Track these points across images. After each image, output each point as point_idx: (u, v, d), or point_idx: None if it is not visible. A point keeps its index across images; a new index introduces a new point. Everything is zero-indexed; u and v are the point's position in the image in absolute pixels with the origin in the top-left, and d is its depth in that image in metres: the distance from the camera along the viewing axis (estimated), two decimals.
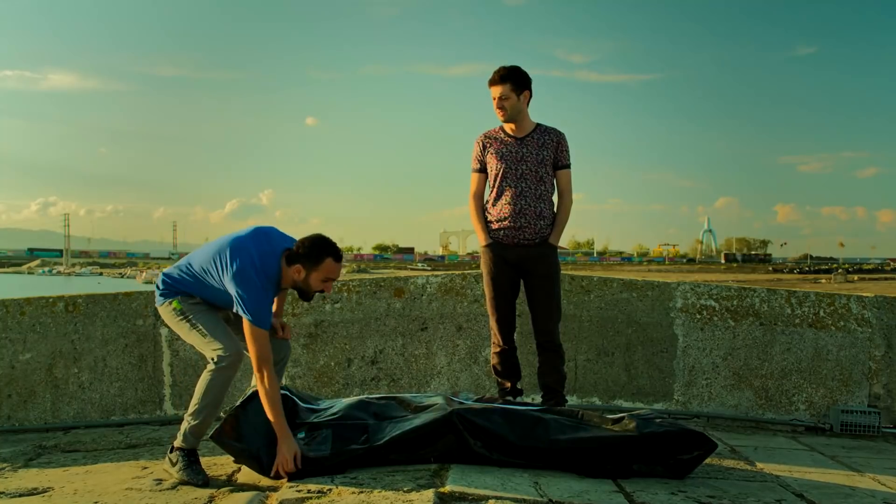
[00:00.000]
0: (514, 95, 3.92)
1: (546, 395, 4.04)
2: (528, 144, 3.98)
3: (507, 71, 3.94)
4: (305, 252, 3.13)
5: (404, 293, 4.80)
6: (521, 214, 3.92)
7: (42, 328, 4.66)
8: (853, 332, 4.75)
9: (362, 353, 4.74)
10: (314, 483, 2.95)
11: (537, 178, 3.96)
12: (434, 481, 2.89)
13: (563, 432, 3.19)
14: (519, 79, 3.94)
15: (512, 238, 3.95)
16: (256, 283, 3.06)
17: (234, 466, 3.43)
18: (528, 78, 3.98)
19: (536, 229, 3.95)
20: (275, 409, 3.10)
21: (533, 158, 3.96)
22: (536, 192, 3.96)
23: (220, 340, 3.16)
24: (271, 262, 3.14)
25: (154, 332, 4.67)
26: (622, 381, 4.79)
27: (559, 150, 4.02)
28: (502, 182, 3.97)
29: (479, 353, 4.75)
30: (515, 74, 3.94)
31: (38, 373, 4.63)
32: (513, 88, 3.91)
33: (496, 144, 4.02)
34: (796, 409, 4.70)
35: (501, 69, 3.96)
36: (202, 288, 3.23)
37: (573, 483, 2.98)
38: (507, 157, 3.97)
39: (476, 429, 3.14)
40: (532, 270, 3.98)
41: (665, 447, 3.16)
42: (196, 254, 3.30)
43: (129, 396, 4.67)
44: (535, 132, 4.02)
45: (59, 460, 3.81)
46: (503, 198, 3.96)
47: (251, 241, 3.16)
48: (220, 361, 3.15)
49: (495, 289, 4.02)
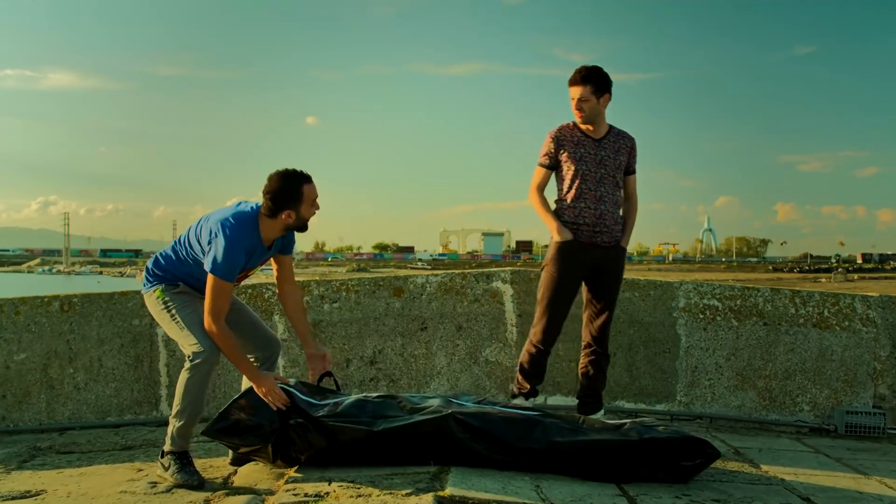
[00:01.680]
0: (594, 98, 3.81)
1: (587, 398, 3.99)
2: (606, 147, 3.89)
3: (589, 72, 3.81)
4: (283, 196, 3.09)
5: (404, 292, 4.75)
6: (602, 219, 3.85)
7: (37, 328, 4.60)
8: (858, 332, 4.69)
9: (361, 354, 4.69)
10: (311, 486, 2.90)
11: (614, 182, 3.90)
12: (434, 484, 2.84)
13: (563, 435, 3.13)
14: (600, 81, 3.81)
15: (590, 239, 3.87)
16: (228, 235, 3.05)
17: (230, 469, 3.38)
18: (608, 80, 3.86)
19: (613, 234, 3.90)
20: (235, 356, 3.12)
21: (611, 162, 3.88)
22: (614, 198, 3.91)
23: (196, 335, 3.13)
24: (245, 219, 3.12)
25: (150, 332, 4.62)
26: (624, 381, 4.73)
27: (632, 155, 3.98)
28: (582, 184, 3.86)
29: (479, 354, 4.70)
30: (597, 76, 3.81)
31: (33, 373, 4.57)
32: (593, 91, 3.79)
33: (573, 144, 3.89)
34: (800, 410, 4.65)
35: (583, 69, 3.83)
36: (185, 269, 3.23)
37: (575, 487, 2.93)
38: (587, 159, 3.86)
39: (474, 430, 3.09)
40: (605, 272, 3.92)
41: (666, 454, 3.11)
42: (183, 234, 3.33)
43: (125, 397, 4.61)
44: (611, 135, 3.93)
45: (53, 462, 3.76)
46: (583, 200, 3.86)
47: (228, 209, 3.21)
48: (194, 358, 3.12)
49: (559, 288, 3.90)
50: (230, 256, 3.04)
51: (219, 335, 3.07)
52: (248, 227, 3.13)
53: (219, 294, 3.06)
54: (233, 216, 3.13)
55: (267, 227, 3.16)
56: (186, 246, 3.23)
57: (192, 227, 3.27)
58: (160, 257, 3.32)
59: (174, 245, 3.31)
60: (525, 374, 4.01)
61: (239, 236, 3.07)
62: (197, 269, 3.18)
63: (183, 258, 3.24)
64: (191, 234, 3.23)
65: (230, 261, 3.05)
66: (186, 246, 3.23)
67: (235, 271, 3.10)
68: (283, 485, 2.99)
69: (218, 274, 3.05)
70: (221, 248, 3.04)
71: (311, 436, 3.12)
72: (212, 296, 3.06)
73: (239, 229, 3.09)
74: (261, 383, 3.13)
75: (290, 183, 3.10)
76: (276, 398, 3.10)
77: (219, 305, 3.07)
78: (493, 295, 4.74)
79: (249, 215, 3.16)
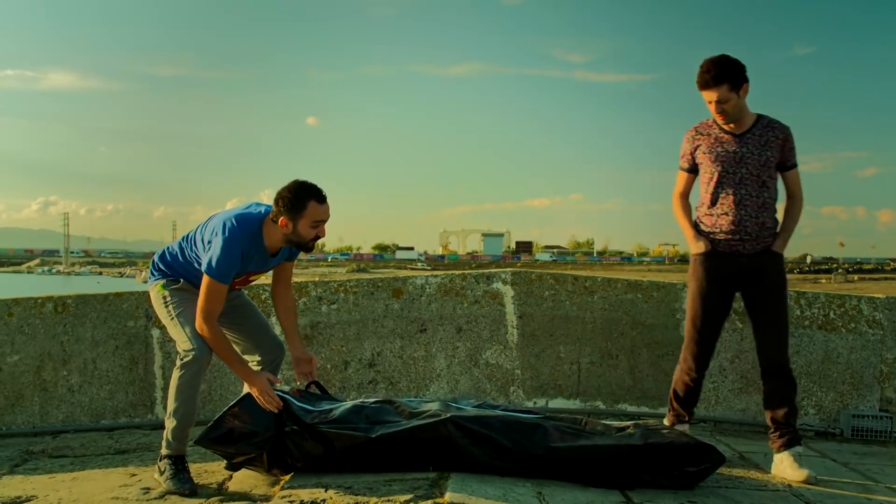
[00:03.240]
0: (734, 95, 3.34)
1: (776, 431, 3.43)
2: (749, 143, 3.41)
3: (720, 69, 3.33)
4: (286, 202, 3.00)
5: (403, 294, 4.67)
6: (742, 227, 3.41)
7: (30, 329, 4.53)
8: (864, 334, 4.62)
9: (359, 356, 4.61)
10: (307, 492, 2.83)
11: (759, 183, 3.42)
12: (433, 492, 2.77)
13: (564, 440, 3.06)
14: (735, 73, 3.33)
15: (731, 248, 3.45)
16: (226, 237, 2.98)
17: (225, 474, 3.31)
18: (741, 67, 3.36)
19: (760, 239, 3.44)
20: (228, 357, 3.07)
21: (755, 160, 3.40)
22: (759, 201, 3.43)
23: (189, 334, 3.08)
24: (249, 221, 3.05)
25: (146, 334, 4.54)
26: (627, 384, 4.66)
27: (785, 148, 3.46)
28: (717, 187, 3.45)
29: (479, 356, 4.62)
30: (730, 70, 3.33)
31: (26, 375, 4.50)
32: (731, 88, 3.33)
33: (709, 142, 3.47)
34: (805, 413, 4.57)
35: (711, 67, 3.35)
36: (188, 266, 3.18)
37: (578, 493, 2.86)
38: (724, 158, 3.42)
39: (473, 435, 3.02)
40: (758, 282, 3.46)
41: (670, 459, 3.03)
42: (192, 231, 3.28)
43: (119, 400, 4.54)
44: (757, 127, 3.44)
45: (45, 466, 3.69)
46: (719, 206, 3.45)
47: (236, 209, 3.15)
48: (184, 356, 3.07)
49: (702, 305, 3.50)
50: (225, 258, 2.97)
51: (210, 336, 3.02)
52: (249, 230, 3.05)
53: (211, 295, 3.00)
54: (237, 217, 3.06)
55: (271, 233, 3.08)
56: (192, 244, 3.18)
57: (201, 224, 3.21)
58: (167, 252, 3.29)
59: (181, 241, 3.26)
60: (680, 402, 3.66)
61: (237, 238, 3.00)
62: (198, 268, 3.12)
63: (187, 256, 3.19)
64: (198, 233, 3.18)
65: (225, 262, 2.98)
66: (192, 244, 3.18)
67: (230, 273, 3.02)
68: (278, 491, 2.92)
69: (212, 275, 2.98)
70: (218, 249, 2.98)
71: (306, 443, 3.05)
72: (204, 296, 3.00)
73: (239, 231, 3.01)
74: (253, 383, 3.07)
75: (299, 192, 3.01)
76: (269, 400, 3.04)
77: (210, 306, 3.01)
78: (494, 296, 4.67)
79: (255, 218, 3.08)
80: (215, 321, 3.03)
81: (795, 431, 3.42)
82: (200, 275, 3.08)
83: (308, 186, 3.02)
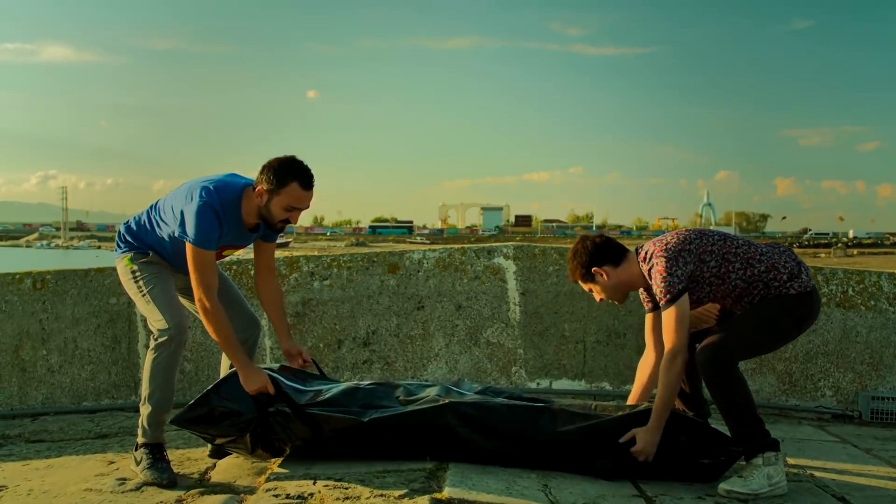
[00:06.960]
0: (595, 284, 3.02)
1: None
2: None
3: (570, 265, 3.03)
4: (271, 172, 2.76)
5: (399, 269, 4.44)
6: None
7: (8, 307, 4.30)
8: (884, 311, 4.39)
9: (354, 334, 4.39)
10: (294, 484, 2.62)
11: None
12: (430, 484, 2.56)
13: (572, 422, 2.84)
14: (582, 267, 3.00)
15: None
16: (204, 200, 2.74)
17: (208, 462, 3.10)
18: (592, 257, 2.98)
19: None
20: (228, 343, 2.81)
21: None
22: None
23: (163, 312, 2.84)
24: (228, 190, 2.82)
25: (128, 312, 4.31)
26: (634, 364, 4.40)
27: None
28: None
29: (479, 335, 4.40)
30: (577, 265, 3.00)
31: (4, 355, 4.28)
32: (584, 280, 3.03)
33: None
34: (822, 394, 4.36)
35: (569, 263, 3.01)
36: (154, 236, 2.94)
37: (587, 486, 2.64)
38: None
39: (474, 422, 2.80)
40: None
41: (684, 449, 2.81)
42: (161, 199, 3.03)
43: (101, 380, 4.32)
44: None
45: (21, 452, 3.49)
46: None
47: (215, 176, 2.91)
48: (159, 336, 2.83)
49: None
50: (201, 221, 2.73)
51: (213, 313, 2.76)
52: (229, 198, 2.82)
53: (202, 264, 2.75)
54: (214, 182, 2.83)
55: (249, 205, 2.85)
56: (160, 212, 2.93)
57: (172, 191, 2.97)
58: (133, 222, 3.03)
59: (148, 210, 3.01)
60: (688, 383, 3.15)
61: (211, 202, 2.75)
62: (165, 237, 2.90)
63: (154, 223, 2.95)
64: (167, 201, 2.93)
65: (202, 226, 2.73)
66: (160, 212, 2.93)
67: (212, 238, 2.77)
68: (263, 482, 2.71)
69: (194, 242, 2.74)
70: (192, 213, 2.74)
71: (293, 425, 2.83)
72: (195, 268, 2.76)
73: (215, 195, 2.78)
74: (251, 381, 2.82)
75: (286, 168, 2.76)
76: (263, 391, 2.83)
77: (207, 278, 2.76)
78: (495, 271, 4.43)
79: (233, 186, 2.86)
80: (216, 296, 2.78)
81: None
82: (167, 245, 2.88)
83: (298, 166, 2.78)
